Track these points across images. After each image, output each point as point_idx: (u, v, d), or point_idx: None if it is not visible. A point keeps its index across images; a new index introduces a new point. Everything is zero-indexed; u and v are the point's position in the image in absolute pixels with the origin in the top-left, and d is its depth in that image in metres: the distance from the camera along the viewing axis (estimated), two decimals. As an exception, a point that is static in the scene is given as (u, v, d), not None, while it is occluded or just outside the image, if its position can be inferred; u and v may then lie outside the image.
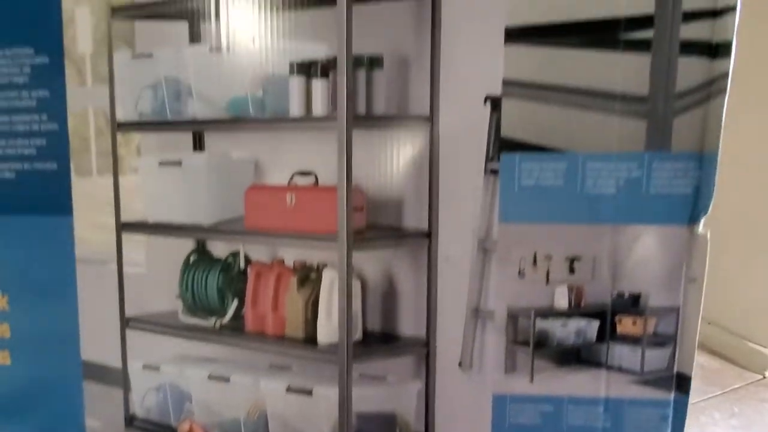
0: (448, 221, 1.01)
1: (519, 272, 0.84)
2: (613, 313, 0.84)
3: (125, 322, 1.19)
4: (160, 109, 1.13)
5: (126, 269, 1.20)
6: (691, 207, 0.80)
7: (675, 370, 0.81)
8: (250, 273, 1.16)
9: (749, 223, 1.73)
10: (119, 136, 1.15)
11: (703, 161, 0.79)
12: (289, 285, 1.11)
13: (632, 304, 0.83)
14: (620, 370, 0.84)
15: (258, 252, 1.17)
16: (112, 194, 1.16)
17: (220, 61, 1.08)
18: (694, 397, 0.79)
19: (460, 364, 1.01)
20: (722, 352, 1.81)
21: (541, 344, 0.86)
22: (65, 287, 0.91)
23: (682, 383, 0.81)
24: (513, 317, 0.85)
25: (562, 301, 0.86)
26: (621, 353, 0.84)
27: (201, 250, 1.22)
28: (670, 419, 0.82)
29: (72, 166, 0.90)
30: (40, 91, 0.87)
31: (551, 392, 0.84)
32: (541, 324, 0.86)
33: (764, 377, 1.72)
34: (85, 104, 1.12)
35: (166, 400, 1.22)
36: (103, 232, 1.17)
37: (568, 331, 0.86)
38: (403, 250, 1.08)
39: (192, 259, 1.22)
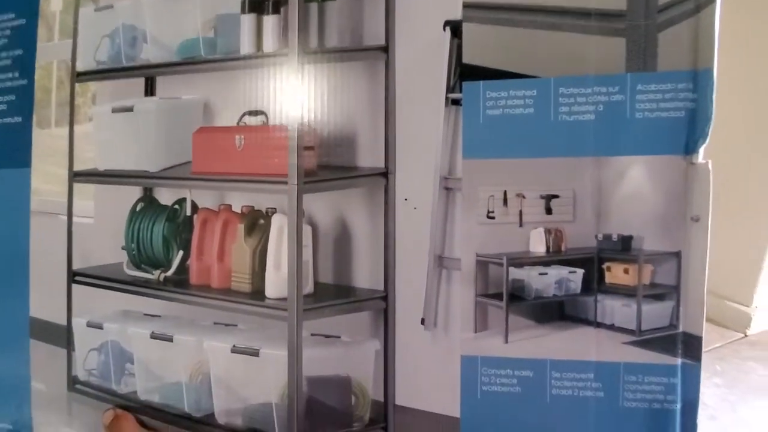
0: (406, 159, 0.98)
1: (487, 214, 0.81)
2: (600, 260, 0.81)
3: (72, 276, 1.19)
4: (116, 56, 1.16)
5: (75, 220, 1.20)
6: (687, 133, 0.75)
7: (680, 329, 0.76)
8: (196, 220, 1.13)
9: (729, 178, 1.76)
10: (77, 87, 1.20)
11: (697, 79, 0.74)
12: (236, 233, 1.08)
13: (623, 248, 0.79)
14: (612, 328, 0.80)
15: (207, 199, 1.15)
16: (66, 144, 1.18)
17: (175, 3, 1.09)
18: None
19: (422, 321, 0.97)
20: (702, 311, 1.95)
21: (516, 297, 0.83)
22: (19, 240, 0.92)
23: (690, 346, 0.75)
24: (482, 265, 0.83)
25: (538, 245, 0.83)
26: (612, 308, 0.80)
27: (148, 198, 1.21)
28: (678, 389, 0.76)
29: (34, 118, 0.94)
30: (16, 51, 0.93)
31: (530, 354, 0.80)
32: (516, 273, 0.83)
33: (746, 336, 1.75)
34: (50, 58, 1.19)
35: (108, 361, 1.20)
36: (55, 183, 1.19)
37: (547, 281, 0.83)
38: (358, 191, 1.05)
39: (138, 207, 1.21)
